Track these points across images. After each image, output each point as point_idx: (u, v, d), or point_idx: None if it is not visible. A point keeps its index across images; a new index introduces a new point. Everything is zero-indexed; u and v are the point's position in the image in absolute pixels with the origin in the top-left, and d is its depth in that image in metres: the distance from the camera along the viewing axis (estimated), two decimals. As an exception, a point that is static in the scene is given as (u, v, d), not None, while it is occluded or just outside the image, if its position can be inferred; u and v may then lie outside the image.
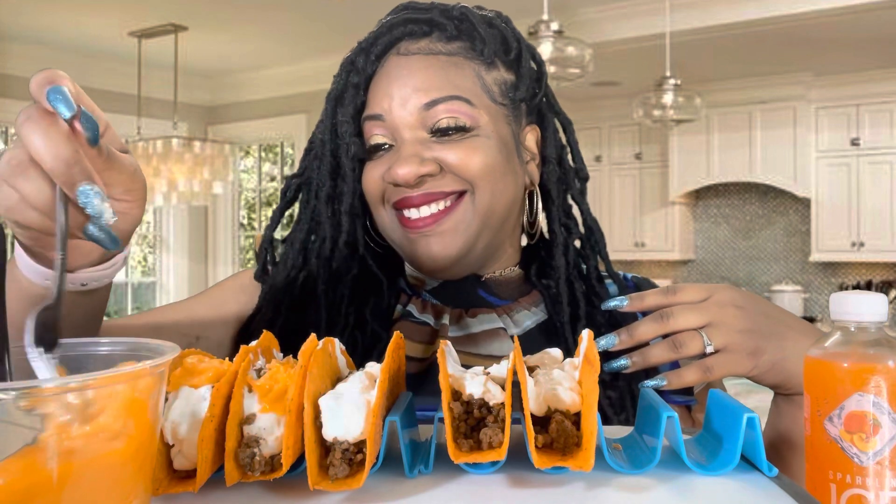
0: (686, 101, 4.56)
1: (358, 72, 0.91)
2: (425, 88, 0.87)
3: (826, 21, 4.70)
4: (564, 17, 4.06)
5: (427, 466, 0.55)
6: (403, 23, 0.91)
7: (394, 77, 0.89)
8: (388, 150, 0.89)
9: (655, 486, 0.53)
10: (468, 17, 0.91)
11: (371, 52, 0.91)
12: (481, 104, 0.88)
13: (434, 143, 0.87)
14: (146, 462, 0.43)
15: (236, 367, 0.53)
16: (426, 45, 0.90)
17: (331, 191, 0.93)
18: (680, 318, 0.77)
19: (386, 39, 0.91)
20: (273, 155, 7.92)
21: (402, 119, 0.87)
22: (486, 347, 0.88)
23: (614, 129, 7.43)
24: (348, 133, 0.90)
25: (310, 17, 5.18)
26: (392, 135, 0.88)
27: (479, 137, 0.87)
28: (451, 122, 0.86)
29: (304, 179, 0.97)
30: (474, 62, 0.90)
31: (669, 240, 7.23)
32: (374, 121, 0.89)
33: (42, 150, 0.53)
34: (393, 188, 0.88)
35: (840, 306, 0.59)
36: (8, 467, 0.37)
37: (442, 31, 0.91)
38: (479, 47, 0.90)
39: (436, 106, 0.86)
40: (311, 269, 0.93)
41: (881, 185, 6.25)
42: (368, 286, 0.93)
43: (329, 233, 0.93)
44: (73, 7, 4.88)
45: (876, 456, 0.56)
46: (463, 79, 0.88)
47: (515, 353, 0.55)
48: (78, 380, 0.39)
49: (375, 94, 0.90)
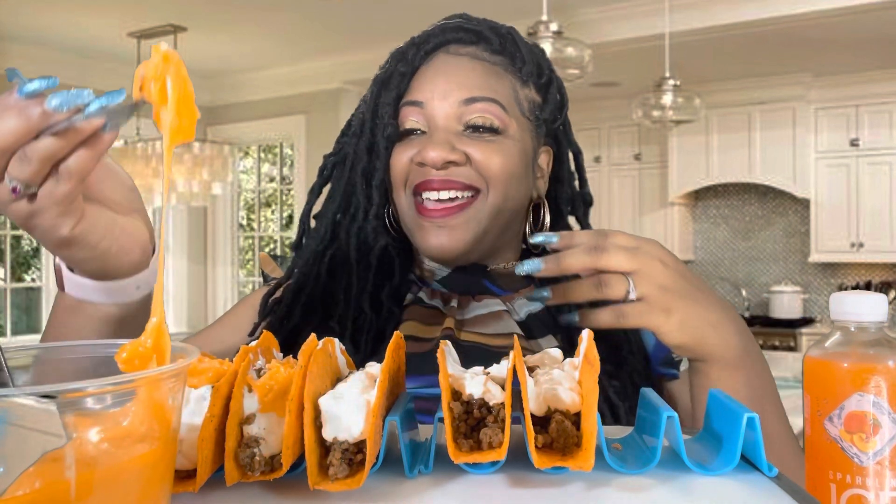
0: (685, 101, 4.56)
1: (407, 62, 0.98)
2: (468, 86, 0.95)
3: (825, 22, 4.70)
4: (564, 18, 4.06)
5: (427, 466, 0.55)
6: (455, 29, 1.00)
7: (441, 71, 0.97)
8: (419, 135, 0.96)
9: (655, 486, 0.53)
10: (513, 36, 1.01)
11: (422, 47, 0.99)
12: (513, 113, 0.97)
13: (465, 137, 0.94)
14: (171, 465, 0.43)
15: (236, 367, 0.53)
16: (473, 51, 0.99)
17: (367, 165, 0.99)
18: (612, 258, 0.78)
19: (438, 40, 0.99)
20: (272, 156, 7.92)
21: (442, 109, 0.95)
22: (493, 327, 0.95)
23: (613, 129, 7.43)
24: (387, 115, 0.97)
25: (309, 18, 5.18)
26: (427, 122, 0.96)
27: (506, 141, 0.95)
28: (485, 122, 0.94)
29: (339, 158, 1.04)
30: (512, 76, 0.99)
31: (669, 240, 7.23)
32: (413, 106, 0.96)
33: (15, 126, 0.58)
34: (418, 170, 0.94)
35: (840, 306, 0.59)
36: (31, 477, 0.36)
37: (488, 43, 0.99)
38: (518, 65, 1.00)
39: (474, 104, 0.94)
40: (341, 243, 1.00)
41: (880, 186, 6.25)
42: (386, 269, 0.99)
43: (362, 203, 0.99)
44: (73, 7, 4.88)
45: (876, 456, 0.56)
46: (501, 87, 0.97)
47: (515, 353, 0.55)
48: (102, 383, 0.38)
49: (420, 83, 0.97)
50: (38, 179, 0.61)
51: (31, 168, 0.60)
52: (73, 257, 0.70)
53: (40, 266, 6.18)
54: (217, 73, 6.69)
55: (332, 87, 6.35)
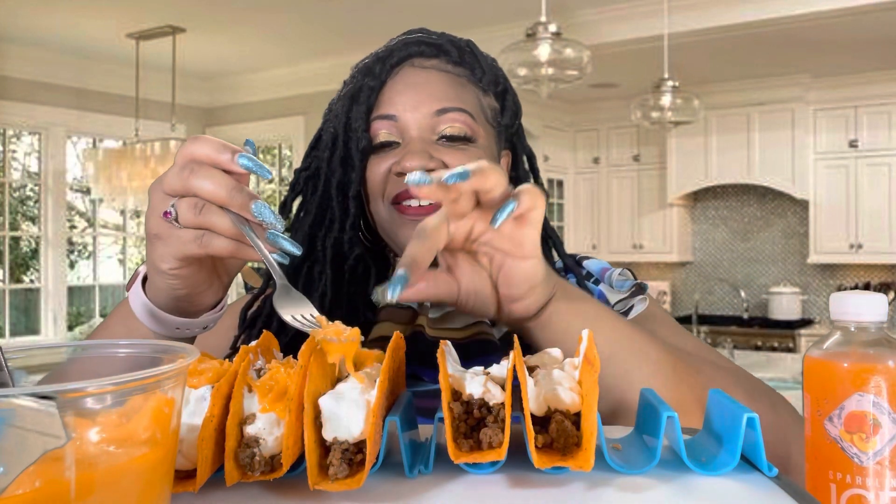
0: (684, 102, 4.56)
1: (374, 76, 1.01)
2: (437, 97, 0.98)
3: (824, 23, 4.70)
4: (562, 19, 4.07)
5: (427, 466, 0.55)
6: (417, 43, 1.03)
7: (410, 84, 0.99)
8: (394, 147, 0.98)
9: (655, 486, 0.53)
10: (472, 49, 1.06)
11: (387, 61, 1.01)
12: (480, 121, 1.00)
13: (440, 146, 0.97)
14: (171, 465, 0.43)
15: (236, 367, 0.53)
16: (437, 63, 1.02)
17: (342, 177, 1.00)
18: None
19: (401, 53, 1.02)
20: (271, 157, 7.92)
21: (415, 120, 0.97)
22: (460, 321, 0.98)
23: (612, 130, 7.43)
24: (360, 128, 0.98)
25: (307, 20, 5.18)
26: (401, 133, 0.98)
27: (477, 149, 0.98)
28: (457, 132, 0.97)
29: (311, 172, 1.05)
30: (474, 86, 1.03)
31: (668, 242, 7.24)
32: (385, 120, 0.98)
33: (216, 191, 0.67)
34: (396, 180, 0.96)
35: (840, 306, 0.59)
36: (30, 476, 0.36)
37: (448, 55, 1.03)
38: (478, 75, 1.03)
39: (446, 114, 0.97)
40: (317, 255, 1.01)
41: (879, 187, 6.26)
42: (361, 278, 1.01)
43: (338, 215, 1.01)
44: (71, 9, 4.87)
45: (876, 456, 0.56)
46: (468, 96, 1.00)
47: (515, 353, 0.55)
48: (102, 383, 0.38)
49: (390, 97, 0.99)
50: (190, 227, 0.69)
51: (192, 219, 0.68)
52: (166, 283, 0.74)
53: (39, 267, 6.18)
54: (216, 74, 6.69)
55: (331, 88, 6.25)
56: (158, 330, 0.77)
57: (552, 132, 7.28)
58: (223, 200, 0.67)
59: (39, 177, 6.12)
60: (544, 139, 7.03)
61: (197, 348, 0.47)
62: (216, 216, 0.68)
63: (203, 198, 0.67)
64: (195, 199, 0.68)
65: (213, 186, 0.67)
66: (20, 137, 6.45)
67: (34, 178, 6.33)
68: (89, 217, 7.05)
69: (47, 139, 6.03)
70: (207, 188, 0.67)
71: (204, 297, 0.76)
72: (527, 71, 3.42)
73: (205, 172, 0.67)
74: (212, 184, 0.67)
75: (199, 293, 0.75)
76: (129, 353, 0.48)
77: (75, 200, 7.01)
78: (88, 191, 6.32)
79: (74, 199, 7.02)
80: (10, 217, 6.22)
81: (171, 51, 5.56)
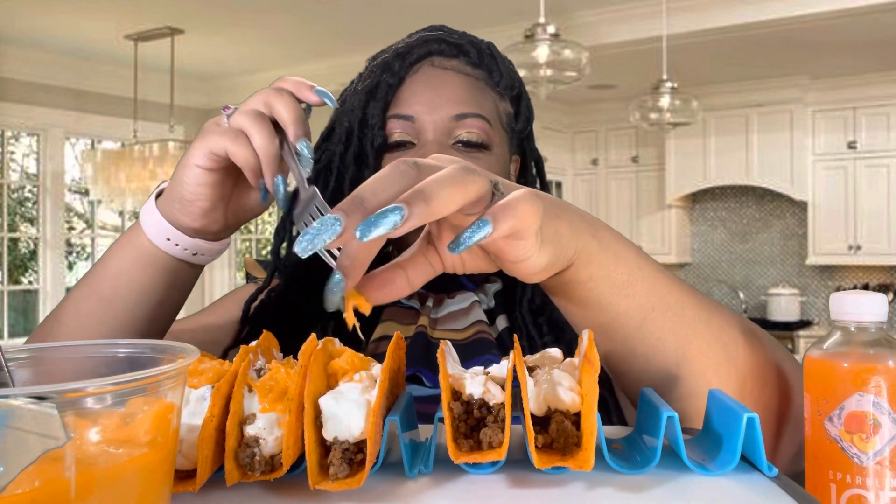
0: (683, 104, 4.56)
1: (393, 73, 0.99)
2: (456, 101, 0.97)
3: (823, 24, 4.71)
4: (561, 20, 4.07)
5: (427, 466, 0.55)
6: (437, 41, 1.01)
7: (430, 85, 0.98)
8: (409, 147, 0.97)
9: (655, 486, 0.53)
10: (491, 51, 1.04)
11: (407, 58, 1.00)
12: (496, 127, 0.99)
13: (456, 151, 0.96)
14: (171, 465, 0.43)
15: (236, 367, 0.53)
16: (456, 65, 1.01)
17: (355, 174, 1.00)
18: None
19: (421, 51, 1.00)
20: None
21: (432, 123, 0.96)
22: (461, 321, 0.97)
23: (611, 132, 7.44)
24: (376, 126, 0.98)
25: (306, 21, 5.18)
26: (418, 135, 0.97)
27: (492, 157, 0.97)
28: (474, 138, 0.96)
29: (323, 164, 1.04)
30: (491, 90, 1.02)
31: (666, 243, 7.24)
32: (402, 120, 0.97)
33: (286, 112, 0.75)
34: None
35: (840, 306, 0.59)
36: (30, 476, 0.36)
37: (468, 56, 1.01)
38: (496, 78, 1.02)
39: (464, 119, 0.96)
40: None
41: (878, 189, 6.26)
42: None
43: None
44: (70, 10, 4.87)
45: (876, 456, 0.56)
46: (485, 101, 0.99)
47: (515, 353, 0.55)
48: (102, 383, 0.38)
49: (408, 96, 0.98)
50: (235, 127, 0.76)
51: (241, 121, 0.75)
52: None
53: (37, 269, 6.17)
54: (214, 75, 6.69)
55: (330, 89, 6.32)
56: (166, 248, 0.80)
57: (550, 133, 7.28)
58: (290, 119, 0.75)
59: (38, 178, 6.12)
60: (543, 140, 6.98)
61: (196, 348, 0.46)
62: (259, 127, 0.74)
63: (274, 112, 0.75)
64: (256, 110, 0.75)
65: (286, 109, 0.75)
66: (18, 139, 6.44)
67: (32, 179, 6.33)
68: (88, 218, 7.04)
69: (45, 140, 6.03)
70: (279, 108, 0.75)
71: (210, 220, 0.80)
72: (525, 72, 3.43)
73: (285, 99, 0.75)
74: (285, 107, 0.75)
75: (207, 210, 0.79)
76: (128, 353, 0.48)
77: (74, 202, 6.99)
78: (87, 192, 6.32)
79: (73, 200, 7.01)
80: (9, 218, 6.21)
81: (169, 52, 5.56)
